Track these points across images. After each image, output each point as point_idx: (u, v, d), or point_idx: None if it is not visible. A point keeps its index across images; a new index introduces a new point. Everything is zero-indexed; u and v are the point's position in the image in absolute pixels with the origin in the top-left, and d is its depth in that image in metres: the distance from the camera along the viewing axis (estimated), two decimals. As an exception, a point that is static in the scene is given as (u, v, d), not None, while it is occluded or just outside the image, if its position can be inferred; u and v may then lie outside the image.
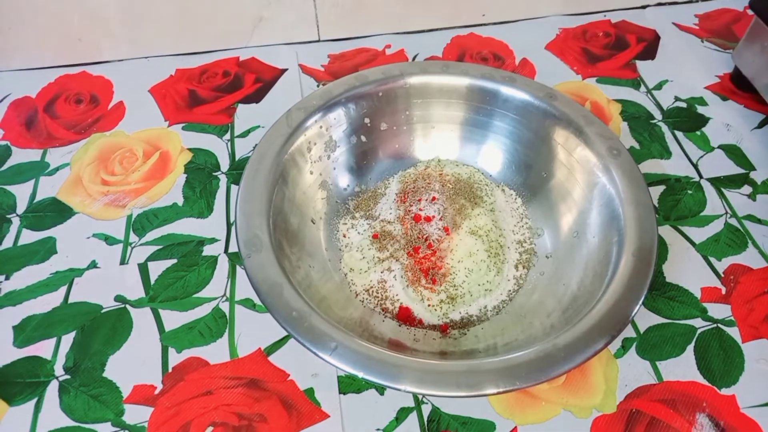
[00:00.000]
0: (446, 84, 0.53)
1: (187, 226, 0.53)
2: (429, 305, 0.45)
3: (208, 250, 0.51)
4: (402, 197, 0.50)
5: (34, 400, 0.43)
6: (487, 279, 0.46)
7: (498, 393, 0.35)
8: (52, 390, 0.43)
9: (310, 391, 0.43)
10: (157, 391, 0.43)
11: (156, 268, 0.50)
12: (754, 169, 0.56)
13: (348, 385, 0.43)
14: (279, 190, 0.45)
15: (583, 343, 0.37)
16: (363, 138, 0.52)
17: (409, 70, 0.53)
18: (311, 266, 0.46)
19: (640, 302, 0.38)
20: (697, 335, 0.45)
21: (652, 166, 0.57)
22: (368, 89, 0.52)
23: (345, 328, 0.38)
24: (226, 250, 0.51)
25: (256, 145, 0.48)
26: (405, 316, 0.45)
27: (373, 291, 0.46)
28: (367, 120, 0.52)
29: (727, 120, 0.61)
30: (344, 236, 0.50)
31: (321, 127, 0.50)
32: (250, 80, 0.66)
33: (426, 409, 0.42)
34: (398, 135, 0.54)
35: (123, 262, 0.50)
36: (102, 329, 0.46)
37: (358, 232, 0.49)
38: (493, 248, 0.47)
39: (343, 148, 0.52)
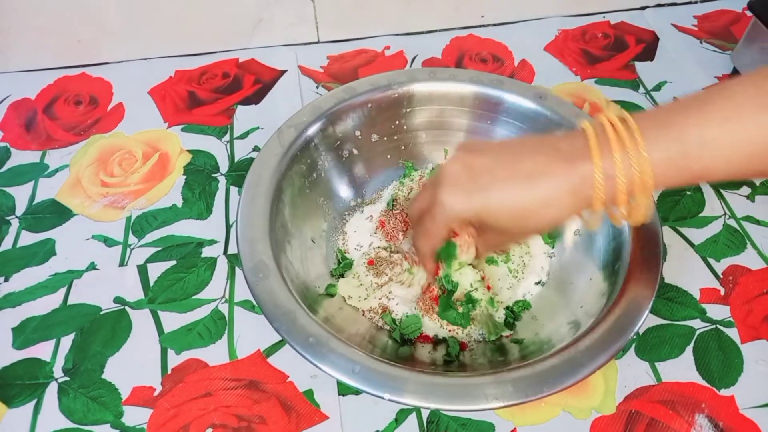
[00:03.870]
0: (435, 91, 0.52)
1: (186, 228, 0.53)
2: (449, 330, 0.44)
3: (207, 252, 0.51)
4: (393, 217, 0.50)
5: (34, 402, 0.43)
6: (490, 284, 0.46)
7: (505, 406, 0.35)
8: (52, 392, 0.43)
9: (309, 393, 0.43)
10: (156, 393, 0.43)
11: (155, 270, 0.50)
12: (753, 170, 0.56)
13: (347, 386, 0.43)
14: (278, 212, 0.45)
15: (589, 356, 0.36)
16: (355, 151, 0.52)
17: (397, 79, 0.52)
18: (317, 286, 0.45)
19: (653, 297, 0.39)
20: (696, 336, 0.45)
21: (651, 167, 0.57)
22: (357, 101, 0.51)
23: (358, 347, 0.38)
24: (225, 252, 0.51)
25: (249, 168, 0.47)
26: (422, 337, 0.44)
27: (375, 313, 0.45)
28: (357, 132, 0.52)
29: (726, 121, 0.61)
30: (346, 252, 0.49)
31: (313, 143, 0.49)
32: (250, 81, 0.66)
33: (425, 411, 0.42)
34: (390, 145, 0.54)
35: (122, 263, 0.50)
36: (101, 331, 0.46)
37: (356, 248, 0.49)
38: (497, 256, 0.47)
39: (337, 163, 0.51)
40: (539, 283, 0.47)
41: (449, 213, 0.36)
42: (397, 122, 0.53)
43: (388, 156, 0.54)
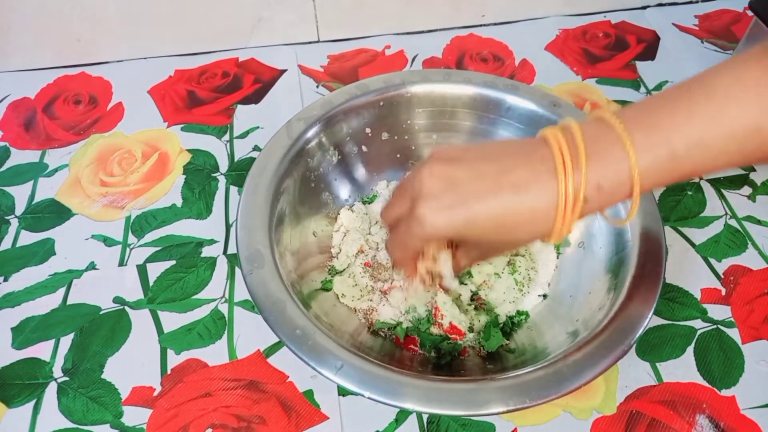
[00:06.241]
0: (448, 92, 0.52)
1: (185, 228, 0.52)
2: (453, 337, 0.44)
3: (207, 252, 0.51)
4: None
5: (33, 402, 0.42)
6: (493, 297, 0.45)
7: (508, 411, 0.35)
8: (51, 392, 0.43)
9: (309, 393, 0.43)
10: (155, 393, 0.43)
11: (155, 270, 0.49)
12: (753, 170, 0.56)
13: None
14: (280, 203, 0.45)
15: (592, 360, 0.36)
16: (364, 148, 0.52)
17: (411, 79, 0.52)
18: (313, 280, 0.45)
19: (650, 316, 0.38)
20: (697, 336, 0.45)
21: (652, 166, 0.56)
22: (369, 98, 0.51)
23: (348, 345, 0.38)
24: (225, 252, 0.51)
25: (254, 159, 0.47)
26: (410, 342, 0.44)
27: (367, 315, 0.45)
28: (368, 130, 0.52)
29: (726, 121, 0.60)
30: (346, 251, 0.48)
31: (322, 137, 0.49)
32: (249, 81, 0.66)
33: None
34: (400, 144, 0.53)
35: (122, 263, 0.50)
36: (101, 331, 0.46)
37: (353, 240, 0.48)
38: (498, 265, 0.46)
39: (344, 159, 0.51)
40: (542, 296, 0.46)
41: (428, 230, 0.34)
42: (408, 122, 0.53)
43: (398, 155, 0.53)
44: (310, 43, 0.70)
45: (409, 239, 0.36)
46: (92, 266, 0.50)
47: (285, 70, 0.67)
